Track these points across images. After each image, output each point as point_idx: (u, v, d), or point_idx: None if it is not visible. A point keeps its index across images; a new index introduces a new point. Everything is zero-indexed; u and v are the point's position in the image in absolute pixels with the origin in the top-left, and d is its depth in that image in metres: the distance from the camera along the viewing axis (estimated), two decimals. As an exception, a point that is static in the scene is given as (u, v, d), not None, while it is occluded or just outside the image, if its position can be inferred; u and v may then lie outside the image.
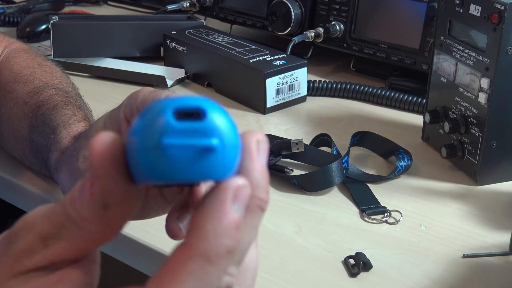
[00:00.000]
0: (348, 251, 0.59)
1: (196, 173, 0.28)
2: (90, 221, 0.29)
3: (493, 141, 0.68)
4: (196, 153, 0.28)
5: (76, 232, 0.29)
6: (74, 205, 0.29)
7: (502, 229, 0.62)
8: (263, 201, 0.30)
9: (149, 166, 0.28)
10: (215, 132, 0.28)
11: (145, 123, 0.28)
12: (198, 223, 0.28)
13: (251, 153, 0.30)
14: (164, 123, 0.28)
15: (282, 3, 0.99)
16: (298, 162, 0.73)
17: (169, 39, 0.97)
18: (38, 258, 0.30)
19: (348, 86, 0.91)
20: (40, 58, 0.75)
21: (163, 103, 0.29)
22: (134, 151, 0.28)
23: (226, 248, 0.28)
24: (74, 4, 1.32)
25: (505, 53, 0.65)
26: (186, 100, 0.29)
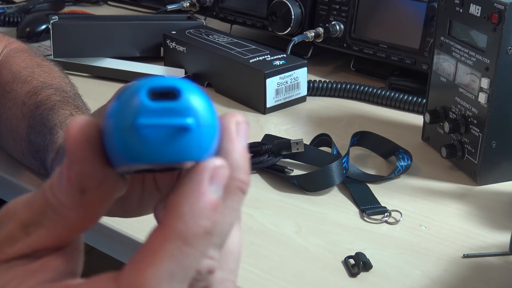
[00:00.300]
0: (348, 251, 0.59)
1: (172, 154, 0.28)
2: (69, 207, 0.28)
3: (493, 141, 0.68)
4: (171, 133, 0.28)
5: (56, 219, 0.29)
6: (53, 191, 0.29)
7: (502, 229, 0.62)
8: (243, 182, 0.29)
9: (124, 147, 0.28)
10: (190, 111, 0.28)
11: (119, 105, 0.28)
12: (174, 204, 0.27)
13: (230, 134, 0.30)
14: (138, 103, 0.28)
15: (282, 3, 0.99)
16: (298, 162, 0.73)
17: (169, 39, 0.97)
18: (19, 246, 0.29)
19: (348, 86, 0.91)
20: (39, 58, 0.75)
21: (137, 84, 0.28)
22: (109, 133, 0.28)
23: (203, 229, 0.27)
24: (74, 4, 1.32)
25: (505, 53, 0.65)
26: (160, 80, 0.28)
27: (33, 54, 0.76)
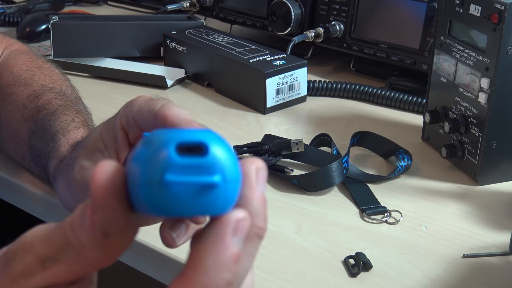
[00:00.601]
0: (348, 251, 0.59)
1: (198, 208, 0.28)
2: (90, 248, 0.29)
3: (493, 141, 0.68)
4: (198, 190, 0.28)
5: (75, 257, 0.29)
6: (74, 231, 0.29)
7: (502, 229, 0.62)
8: (261, 229, 0.30)
9: (151, 200, 0.28)
10: (217, 168, 0.28)
11: (147, 156, 0.28)
12: (198, 256, 0.28)
13: (250, 182, 0.30)
14: (166, 158, 0.28)
15: (282, 3, 0.99)
16: (298, 162, 0.73)
17: (169, 39, 0.97)
18: (36, 280, 0.30)
19: (348, 86, 0.91)
20: (40, 60, 0.75)
21: (165, 136, 0.29)
22: (135, 184, 0.28)
23: (225, 282, 0.28)
24: (74, 4, 1.32)
25: (505, 53, 0.65)
26: (188, 134, 0.29)
27: (34, 56, 0.75)
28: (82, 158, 0.51)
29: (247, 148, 0.73)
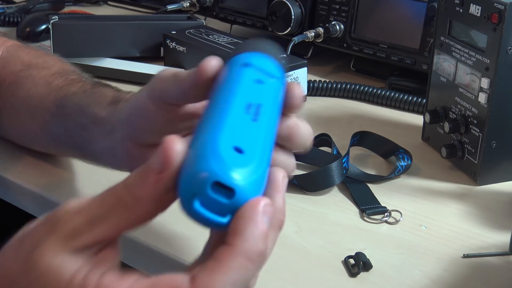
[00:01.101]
0: (348, 251, 0.59)
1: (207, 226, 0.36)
2: (148, 202, 0.36)
3: (493, 141, 0.68)
4: (211, 222, 0.35)
5: (123, 214, 0.36)
6: (132, 189, 0.36)
7: (502, 229, 0.62)
8: (281, 221, 0.39)
9: (181, 199, 0.35)
10: (232, 211, 0.35)
11: (189, 170, 0.35)
12: (238, 229, 0.35)
13: (278, 186, 0.39)
14: (201, 187, 0.34)
15: (282, 3, 0.99)
16: (298, 162, 0.73)
17: (169, 39, 0.97)
18: (83, 239, 0.36)
19: (348, 86, 0.91)
20: (43, 51, 0.75)
21: (211, 167, 0.35)
22: (181, 173, 0.35)
23: (260, 250, 0.35)
24: (74, 4, 1.32)
25: (505, 53, 0.65)
26: (226, 179, 0.34)
27: (33, 48, 0.76)
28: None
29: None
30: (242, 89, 0.40)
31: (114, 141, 0.56)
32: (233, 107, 0.38)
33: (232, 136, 0.36)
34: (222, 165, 0.34)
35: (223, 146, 0.35)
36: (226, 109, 0.38)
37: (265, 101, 0.40)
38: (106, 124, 0.57)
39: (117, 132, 0.56)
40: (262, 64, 0.43)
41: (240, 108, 0.38)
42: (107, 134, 0.57)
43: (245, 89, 0.40)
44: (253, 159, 0.36)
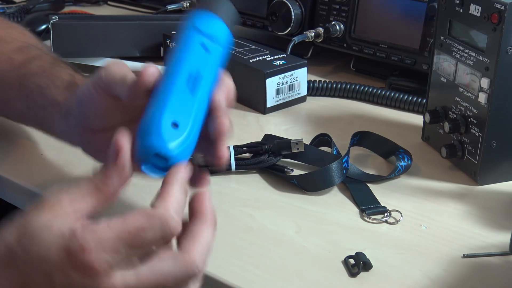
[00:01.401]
0: (348, 251, 0.59)
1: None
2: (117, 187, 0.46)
3: (493, 141, 0.68)
4: (156, 177, 0.48)
5: (99, 195, 0.46)
6: (103, 181, 0.46)
7: (502, 229, 0.63)
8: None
9: (136, 165, 0.47)
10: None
11: (139, 144, 0.47)
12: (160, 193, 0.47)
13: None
14: (146, 157, 0.47)
15: (282, 3, 0.99)
16: (298, 162, 0.73)
17: (169, 39, 0.97)
18: (68, 209, 0.44)
19: (348, 86, 0.91)
20: (6, 22, 0.77)
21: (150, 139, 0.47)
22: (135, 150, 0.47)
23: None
24: (74, 4, 1.32)
25: (505, 53, 0.65)
26: (162, 152, 0.46)
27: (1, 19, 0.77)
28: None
29: (247, 148, 0.73)
30: (187, 57, 0.48)
31: (69, 126, 0.60)
32: (177, 80, 0.48)
33: (171, 112, 0.46)
34: (160, 141, 0.46)
35: (163, 123, 0.46)
36: (170, 82, 0.48)
37: (204, 71, 0.49)
38: (62, 108, 0.61)
39: (71, 118, 0.60)
40: (211, 29, 0.49)
41: (183, 80, 0.47)
42: (63, 118, 0.61)
43: (190, 57, 0.48)
44: (185, 130, 0.47)
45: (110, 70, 0.54)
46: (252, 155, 0.73)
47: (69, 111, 0.60)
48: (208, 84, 0.50)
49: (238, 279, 0.56)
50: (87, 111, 0.57)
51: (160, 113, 0.47)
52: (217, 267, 0.57)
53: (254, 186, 0.70)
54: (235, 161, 0.71)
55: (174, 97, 0.47)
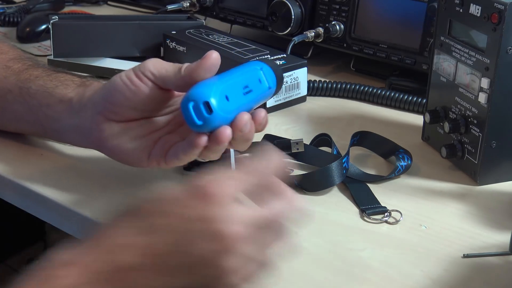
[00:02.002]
0: (348, 251, 0.59)
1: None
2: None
3: (493, 141, 0.68)
4: (192, 119, 0.56)
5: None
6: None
7: (502, 229, 0.63)
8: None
9: (186, 103, 0.57)
10: (205, 122, 0.56)
11: (197, 89, 0.57)
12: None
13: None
14: (198, 100, 0.56)
15: (282, 3, 0.99)
16: (298, 162, 0.73)
17: (169, 39, 0.97)
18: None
19: (348, 86, 0.91)
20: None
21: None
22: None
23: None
24: (74, 4, 1.31)
25: (505, 53, 0.65)
26: (211, 103, 0.56)
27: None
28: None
29: (247, 148, 0.73)
30: (249, 77, 0.61)
31: (82, 119, 0.63)
32: (239, 80, 0.59)
33: (229, 89, 0.57)
34: (214, 96, 0.55)
35: (221, 90, 0.56)
36: (235, 78, 0.59)
37: (254, 90, 0.60)
38: (75, 103, 0.65)
39: (87, 110, 0.63)
40: (267, 74, 0.62)
41: (241, 83, 0.59)
42: (75, 113, 0.64)
43: (250, 78, 0.61)
44: (231, 106, 0.57)
45: (157, 61, 0.61)
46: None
47: (86, 105, 0.63)
48: (254, 102, 0.61)
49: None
50: (120, 100, 0.61)
51: (221, 82, 0.57)
52: (217, 267, 0.57)
53: (254, 186, 0.70)
54: (235, 161, 0.71)
55: (233, 85, 0.58)
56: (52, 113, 0.66)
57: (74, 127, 0.65)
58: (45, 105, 0.67)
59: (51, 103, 0.66)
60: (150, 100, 0.61)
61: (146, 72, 0.60)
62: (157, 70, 0.60)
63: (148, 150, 0.61)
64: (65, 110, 0.65)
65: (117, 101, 0.61)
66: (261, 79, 0.61)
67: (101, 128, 0.62)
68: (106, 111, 0.62)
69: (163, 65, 0.60)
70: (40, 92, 0.67)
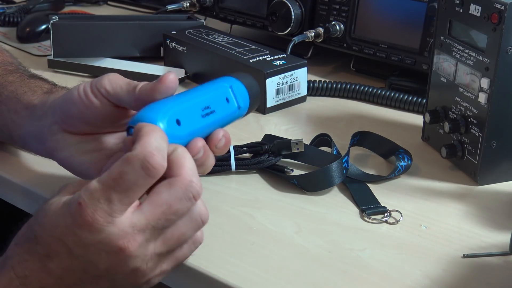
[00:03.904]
0: (348, 251, 0.59)
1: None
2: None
3: (493, 141, 0.68)
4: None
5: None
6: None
7: (502, 229, 0.63)
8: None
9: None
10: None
11: (143, 115, 0.51)
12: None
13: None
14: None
15: (282, 3, 0.99)
16: (298, 162, 0.73)
17: (169, 39, 0.97)
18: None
19: (348, 86, 0.91)
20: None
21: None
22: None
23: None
24: (74, 4, 1.32)
25: (505, 53, 0.65)
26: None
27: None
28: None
29: (247, 148, 0.73)
30: (213, 96, 0.55)
31: (41, 126, 0.62)
32: (199, 100, 0.54)
33: (183, 112, 0.52)
34: (162, 121, 0.50)
35: (172, 113, 0.51)
36: (196, 97, 0.54)
37: (219, 112, 0.55)
38: (38, 110, 0.64)
39: (47, 118, 0.62)
40: (238, 92, 0.57)
41: (202, 104, 0.54)
42: (36, 120, 0.63)
43: (215, 97, 0.55)
44: (183, 131, 0.51)
45: (114, 77, 0.58)
46: (252, 155, 0.73)
47: (46, 112, 0.62)
48: (216, 124, 0.55)
49: (238, 279, 0.56)
50: (73, 112, 0.59)
51: (175, 103, 0.52)
52: (217, 267, 0.57)
53: (254, 186, 0.70)
54: (235, 161, 0.71)
55: (190, 107, 0.53)
56: (17, 119, 0.66)
57: (34, 134, 0.64)
58: (12, 110, 0.66)
59: (18, 109, 0.66)
60: (104, 116, 0.59)
61: (101, 89, 0.58)
62: (112, 88, 0.57)
63: (100, 165, 0.59)
64: (28, 116, 0.64)
65: (72, 114, 0.59)
66: (229, 98, 0.57)
67: (55, 138, 0.61)
68: (61, 122, 0.60)
69: (118, 83, 0.58)
70: (10, 98, 0.67)
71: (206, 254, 0.58)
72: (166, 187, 0.48)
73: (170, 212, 0.48)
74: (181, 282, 0.59)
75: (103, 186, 0.46)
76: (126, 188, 0.46)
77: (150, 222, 0.47)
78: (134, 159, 0.46)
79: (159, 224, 0.48)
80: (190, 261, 0.57)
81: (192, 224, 0.50)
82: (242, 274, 0.56)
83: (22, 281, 0.48)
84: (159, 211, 0.48)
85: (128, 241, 0.47)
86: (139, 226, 0.47)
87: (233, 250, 0.59)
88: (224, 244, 0.60)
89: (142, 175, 0.46)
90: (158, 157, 0.47)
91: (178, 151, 0.49)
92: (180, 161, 0.49)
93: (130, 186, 0.46)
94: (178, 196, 0.48)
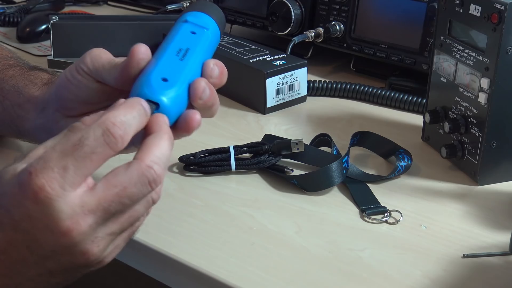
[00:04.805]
0: (348, 251, 0.59)
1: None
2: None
3: (493, 141, 0.68)
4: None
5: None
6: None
7: (502, 229, 0.63)
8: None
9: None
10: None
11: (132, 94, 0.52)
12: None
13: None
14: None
15: (282, 3, 0.99)
16: (298, 162, 0.73)
17: (169, 39, 0.97)
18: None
19: (348, 86, 0.91)
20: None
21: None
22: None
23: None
24: (74, 4, 1.32)
25: (505, 53, 0.65)
26: (153, 98, 0.51)
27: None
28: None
29: (247, 148, 0.73)
30: (177, 39, 0.56)
31: (45, 117, 0.63)
32: (168, 51, 0.54)
33: (161, 71, 0.52)
34: (151, 89, 0.51)
35: (153, 77, 0.52)
36: (162, 53, 0.54)
37: (193, 46, 0.55)
38: (40, 102, 0.64)
39: (49, 107, 0.62)
40: (198, 20, 0.58)
41: (172, 52, 0.54)
42: (40, 111, 0.64)
43: (179, 38, 0.56)
44: (174, 85, 0.52)
45: (96, 55, 0.58)
46: (252, 155, 0.73)
47: (48, 102, 0.63)
48: (198, 57, 0.56)
49: (238, 279, 0.56)
50: (66, 95, 0.60)
51: (150, 70, 0.52)
52: (217, 267, 0.57)
53: (254, 186, 0.70)
54: (235, 161, 0.71)
55: (164, 61, 0.54)
56: (22, 113, 0.66)
57: (41, 126, 0.64)
58: (16, 105, 0.66)
59: (21, 103, 0.66)
60: (98, 93, 0.59)
61: (84, 67, 0.58)
62: (94, 66, 0.58)
63: None
64: (32, 109, 0.65)
65: (66, 97, 0.60)
66: (193, 30, 0.57)
67: (60, 125, 0.61)
68: (61, 108, 0.61)
69: (100, 61, 0.57)
70: (12, 92, 0.67)
71: (206, 254, 0.58)
72: (124, 168, 0.46)
73: (124, 195, 0.46)
74: (181, 282, 0.59)
75: (60, 154, 0.44)
76: (84, 155, 0.44)
77: (102, 203, 0.45)
78: (96, 126, 0.45)
79: (111, 207, 0.46)
80: (190, 260, 0.57)
81: (146, 205, 0.49)
82: (242, 274, 0.56)
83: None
84: (113, 192, 0.46)
85: (76, 222, 0.44)
86: (89, 207, 0.45)
87: (233, 250, 0.59)
88: (224, 244, 0.60)
89: (101, 142, 0.45)
90: (120, 129, 0.46)
91: (151, 136, 0.48)
92: (148, 146, 0.47)
93: (88, 153, 0.44)
94: (133, 179, 0.46)
